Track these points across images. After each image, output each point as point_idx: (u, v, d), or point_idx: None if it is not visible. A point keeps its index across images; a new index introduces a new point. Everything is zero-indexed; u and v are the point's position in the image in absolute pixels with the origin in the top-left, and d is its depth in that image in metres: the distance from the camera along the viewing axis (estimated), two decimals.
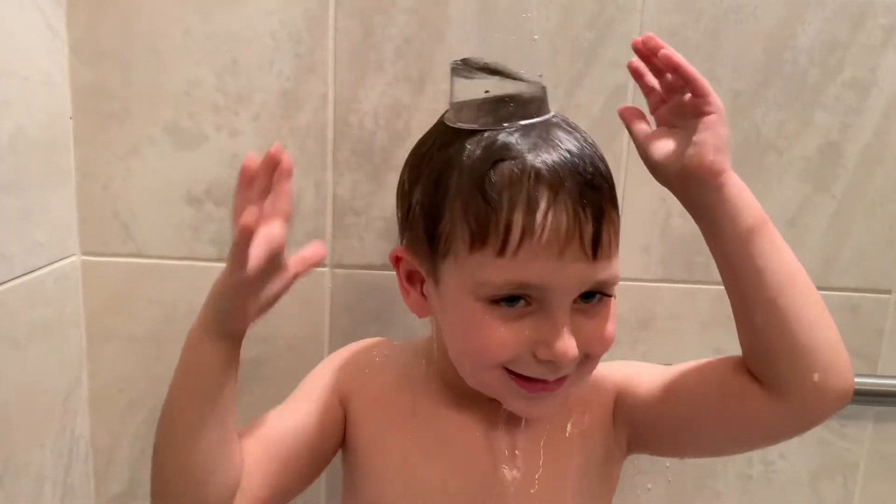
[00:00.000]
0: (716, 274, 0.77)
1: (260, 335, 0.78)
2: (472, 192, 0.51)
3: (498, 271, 0.51)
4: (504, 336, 0.52)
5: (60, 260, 0.73)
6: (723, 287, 0.77)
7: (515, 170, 0.50)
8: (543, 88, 0.55)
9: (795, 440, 0.81)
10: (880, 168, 0.76)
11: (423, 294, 0.59)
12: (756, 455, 0.82)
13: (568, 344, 0.52)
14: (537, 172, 0.50)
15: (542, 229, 0.49)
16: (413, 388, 0.63)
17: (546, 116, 0.54)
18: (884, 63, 0.74)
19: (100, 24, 0.72)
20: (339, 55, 0.73)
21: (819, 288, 0.77)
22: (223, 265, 0.77)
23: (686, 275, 0.78)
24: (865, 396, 0.79)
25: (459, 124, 0.55)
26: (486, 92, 0.54)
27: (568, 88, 0.74)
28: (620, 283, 0.75)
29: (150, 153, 0.75)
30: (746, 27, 0.73)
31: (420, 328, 0.76)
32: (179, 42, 0.73)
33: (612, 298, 0.55)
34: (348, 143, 0.75)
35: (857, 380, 0.77)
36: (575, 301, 0.53)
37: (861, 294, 0.79)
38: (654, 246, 0.77)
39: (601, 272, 0.52)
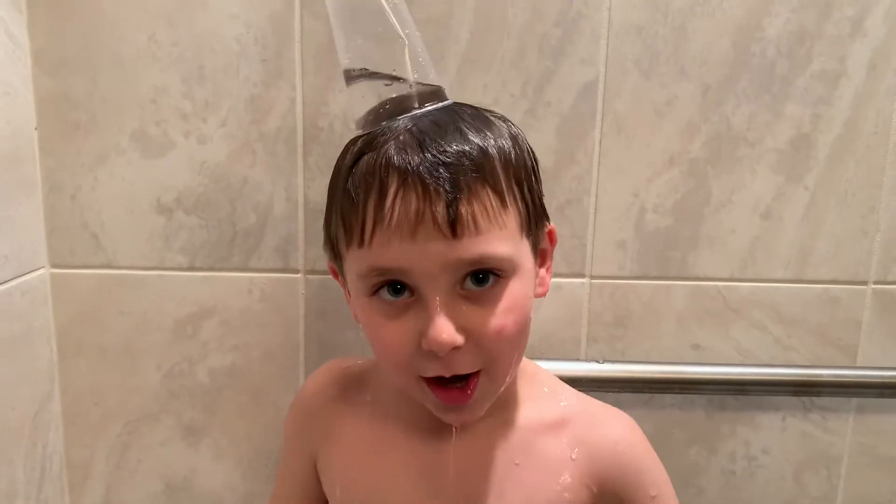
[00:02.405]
0: (691, 269, 0.78)
1: (234, 343, 0.78)
2: (342, 191, 0.53)
3: (361, 261, 0.52)
4: (390, 333, 0.52)
5: (28, 273, 0.72)
6: (699, 282, 0.78)
7: (371, 161, 0.51)
8: (423, 85, 0.55)
9: (778, 434, 0.81)
10: (851, 158, 0.76)
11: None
12: (739, 450, 0.82)
13: (440, 328, 0.49)
14: (388, 160, 0.50)
15: (392, 213, 0.49)
16: (376, 412, 0.63)
17: (428, 107, 0.54)
18: (852, 54, 0.73)
19: (62, 32, 0.71)
20: (307, 58, 0.73)
21: (797, 281, 0.79)
22: (194, 274, 0.77)
23: (662, 270, 0.77)
24: (846, 388, 0.79)
25: (356, 133, 0.57)
26: (363, 97, 0.55)
27: (537, 86, 0.73)
28: (596, 280, 0.77)
29: (117, 162, 0.74)
30: (713, 20, 0.72)
31: None
32: (144, 49, 0.72)
33: (512, 282, 0.52)
34: (318, 146, 0.74)
35: (837, 372, 0.79)
36: (462, 286, 0.51)
37: (838, 286, 0.79)
38: (628, 242, 0.77)
39: (467, 250, 0.49)
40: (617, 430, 0.61)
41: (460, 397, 0.53)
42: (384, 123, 0.53)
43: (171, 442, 0.79)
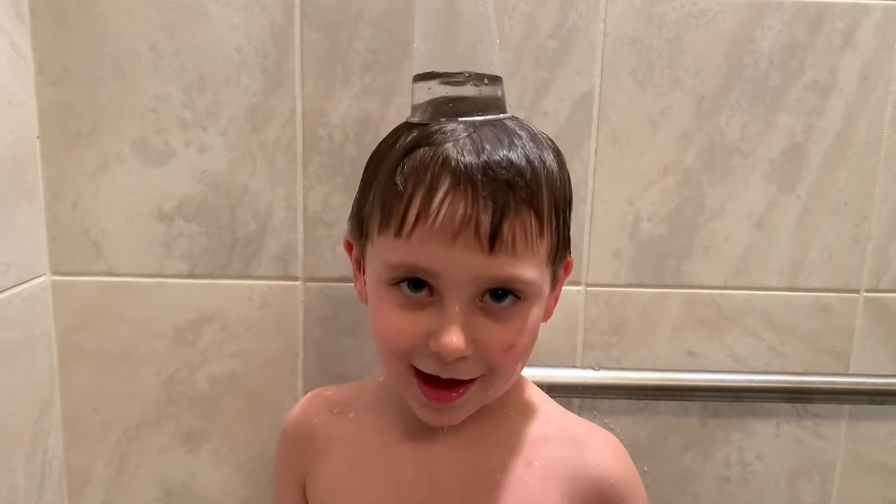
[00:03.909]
0: (686, 277, 0.78)
1: (234, 350, 0.78)
2: (388, 176, 0.52)
3: (394, 252, 0.52)
4: (400, 323, 0.53)
5: (29, 280, 0.73)
6: (694, 290, 0.79)
7: (426, 156, 0.51)
8: (492, 90, 0.55)
9: (772, 440, 0.82)
10: (843, 168, 0.77)
11: (366, 281, 0.60)
12: (733, 457, 0.82)
13: (453, 335, 0.50)
14: (445, 159, 0.50)
15: (437, 213, 0.49)
16: (361, 431, 0.63)
17: (488, 116, 0.54)
18: (843, 65, 0.75)
19: (65, 43, 0.72)
20: (306, 69, 0.74)
21: (789, 289, 0.80)
22: (194, 282, 0.77)
23: (656, 278, 0.78)
24: (838, 395, 0.80)
25: (408, 120, 0.57)
26: (429, 89, 0.55)
27: (534, 97, 0.74)
28: (591, 288, 0.78)
29: (118, 170, 0.75)
30: (707, 32, 0.74)
31: None
32: (146, 59, 0.73)
33: (531, 306, 0.53)
34: (318, 156, 0.75)
35: (829, 379, 0.80)
36: (482, 299, 0.52)
37: (831, 294, 0.80)
38: (623, 250, 0.78)
39: (500, 268, 0.50)
40: (601, 452, 0.60)
41: (447, 397, 0.53)
42: (442, 120, 0.53)
43: (171, 448, 0.80)
